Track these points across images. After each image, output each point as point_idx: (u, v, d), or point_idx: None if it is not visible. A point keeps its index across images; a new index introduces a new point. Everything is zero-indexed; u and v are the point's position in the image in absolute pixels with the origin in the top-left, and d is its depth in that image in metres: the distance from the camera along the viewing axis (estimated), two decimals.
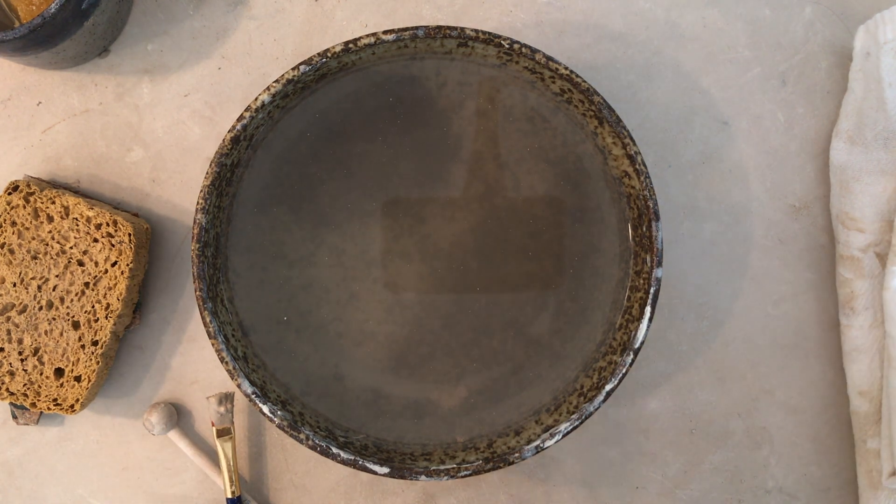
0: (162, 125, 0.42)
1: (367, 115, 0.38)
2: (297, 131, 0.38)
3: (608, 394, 0.36)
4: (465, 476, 0.35)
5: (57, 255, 0.39)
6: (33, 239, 0.39)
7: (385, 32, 0.35)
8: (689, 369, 0.43)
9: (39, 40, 0.36)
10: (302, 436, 0.35)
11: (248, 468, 0.42)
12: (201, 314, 0.35)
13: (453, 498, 0.43)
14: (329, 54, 0.35)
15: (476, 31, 0.35)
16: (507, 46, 0.35)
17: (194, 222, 0.35)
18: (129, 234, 0.39)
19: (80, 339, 0.39)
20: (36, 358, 0.39)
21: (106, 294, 0.39)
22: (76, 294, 0.39)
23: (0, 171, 0.42)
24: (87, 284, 0.39)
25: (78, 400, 0.39)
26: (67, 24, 0.37)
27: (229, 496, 0.40)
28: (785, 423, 0.43)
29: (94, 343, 0.39)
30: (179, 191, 0.42)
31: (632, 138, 0.36)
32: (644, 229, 0.36)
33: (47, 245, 0.39)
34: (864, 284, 0.41)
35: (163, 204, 0.42)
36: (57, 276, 0.39)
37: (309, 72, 0.35)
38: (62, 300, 0.39)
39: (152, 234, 0.42)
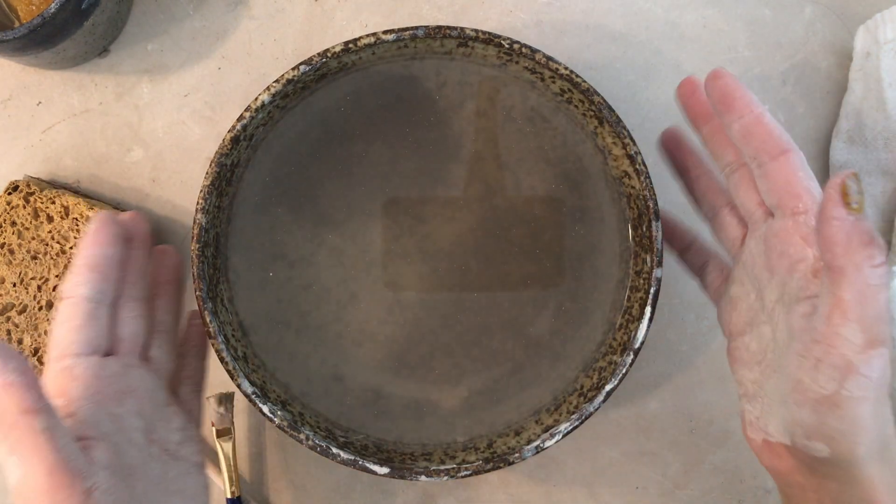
0: (162, 125, 0.42)
1: (367, 115, 0.38)
2: (297, 131, 0.38)
3: (608, 394, 0.35)
4: (465, 476, 0.35)
5: (57, 255, 0.39)
6: (33, 239, 0.39)
7: (385, 32, 0.35)
8: (689, 369, 0.43)
9: (39, 40, 0.36)
10: (302, 436, 0.35)
11: (248, 468, 0.42)
12: (201, 314, 0.35)
13: (453, 498, 0.43)
14: (329, 54, 0.35)
15: (476, 31, 0.35)
16: (507, 46, 0.35)
17: (194, 222, 0.35)
18: None
19: None
20: (36, 358, 0.39)
21: None
22: None
23: (0, 171, 0.42)
24: None
25: None
26: (67, 24, 0.37)
27: (229, 496, 0.40)
28: None
29: None
30: (179, 191, 0.42)
31: (632, 138, 0.36)
32: (644, 229, 0.36)
33: (47, 245, 0.39)
34: None
35: (163, 204, 0.42)
36: (57, 276, 0.39)
37: (309, 72, 0.35)
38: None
39: (152, 235, 0.42)
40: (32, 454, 0.26)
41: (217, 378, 0.42)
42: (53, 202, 0.39)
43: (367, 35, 0.35)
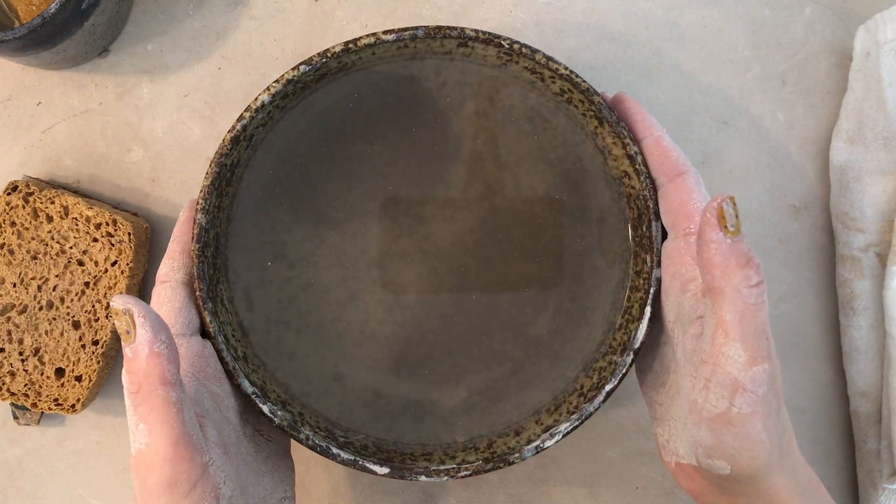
0: (162, 125, 0.42)
1: (367, 115, 0.38)
2: (297, 131, 0.38)
3: (608, 394, 0.35)
4: (465, 476, 0.35)
5: (57, 254, 0.39)
6: (33, 239, 0.39)
7: (385, 32, 0.35)
8: None
9: (39, 40, 0.36)
10: (302, 436, 0.35)
11: None
12: (201, 314, 0.35)
13: (453, 498, 0.43)
14: (329, 54, 0.35)
15: (476, 31, 0.35)
16: (507, 46, 0.35)
17: (194, 222, 0.35)
18: (129, 234, 0.39)
19: (80, 338, 0.39)
20: (36, 358, 0.39)
21: (106, 293, 0.39)
22: (76, 294, 0.39)
23: (0, 171, 0.42)
24: (87, 284, 0.39)
25: (79, 400, 0.39)
26: (67, 24, 0.37)
27: None
28: None
29: (95, 343, 0.39)
30: (179, 191, 0.42)
31: (632, 138, 0.36)
32: (644, 229, 0.36)
33: (47, 245, 0.39)
34: (864, 284, 0.41)
35: (163, 204, 0.42)
36: (57, 275, 0.39)
37: (309, 72, 0.35)
38: (62, 300, 0.39)
39: (152, 235, 0.42)
40: (162, 424, 0.27)
41: None
42: (53, 202, 0.39)
43: (367, 35, 0.35)
